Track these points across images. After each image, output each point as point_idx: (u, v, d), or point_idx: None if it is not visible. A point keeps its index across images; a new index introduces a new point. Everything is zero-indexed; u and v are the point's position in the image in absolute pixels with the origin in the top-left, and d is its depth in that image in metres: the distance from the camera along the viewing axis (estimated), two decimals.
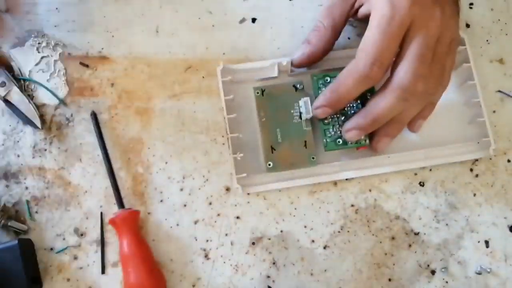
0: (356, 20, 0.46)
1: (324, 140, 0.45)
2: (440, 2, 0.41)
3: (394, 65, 0.42)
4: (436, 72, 0.42)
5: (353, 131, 0.43)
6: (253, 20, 0.49)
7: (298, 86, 0.46)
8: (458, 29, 0.44)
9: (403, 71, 0.40)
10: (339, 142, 0.45)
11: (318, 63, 0.46)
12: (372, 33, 0.40)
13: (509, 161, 0.48)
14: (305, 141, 0.45)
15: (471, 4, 0.51)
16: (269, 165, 0.44)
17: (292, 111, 0.45)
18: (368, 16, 0.42)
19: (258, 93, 0.46)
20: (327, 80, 0.45)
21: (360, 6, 0.44)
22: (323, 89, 0.44)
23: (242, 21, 0.49)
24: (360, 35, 0.48)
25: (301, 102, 0.44)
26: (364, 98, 0.45)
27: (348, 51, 0.47)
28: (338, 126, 0.45)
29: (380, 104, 0.42)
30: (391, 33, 0.40)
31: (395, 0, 0.40)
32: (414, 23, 0.40)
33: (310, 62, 0.45)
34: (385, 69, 0.41)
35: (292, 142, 0.45)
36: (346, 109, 0.45)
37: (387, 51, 0.40)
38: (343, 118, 0.45)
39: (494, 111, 0.48)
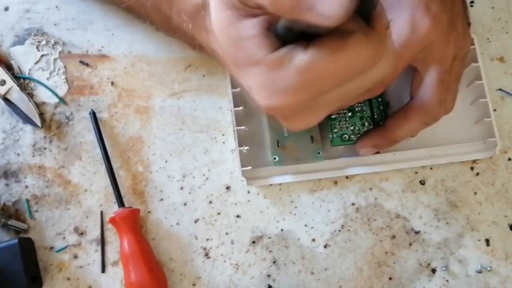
0: None
1: (331, 135, 0.45)
2: (454, 24, 0.41)
3: (415, 87, 0.42)
4: (454, 88, 0.42)
5: (369, 149, 0.44)
6: None
7: None
8: (470, 42, 0.45)
9: (428, 97, 0.41)
10: (345, 137, 0.45)
11: None
12: None
13: (509, 159, 0.48)
14: (312, 136, 0.45)
15: (472, 2, 0.51)
16: (275, 159, 0.44)
17: None
18: None
19: None
20: None
21: None
22: None
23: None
24: None
25: None
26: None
27: None
28: (344, 121, 0.45)
29: (402, 127, 0.42)
30: (403, 55, 0.40)
31: (416, 24, 0.40)
32: (432, 48, 0.40)
33: None
34: (386, 86, 0.41)
35: (298, 136, 0.45)
36: (353, 105, 0.45)
37: (395, 71, 0.40)
38: (350, 114, 0.45)
39: (494, 110, 0.48)
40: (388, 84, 0.41)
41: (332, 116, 0.45)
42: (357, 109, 0.45)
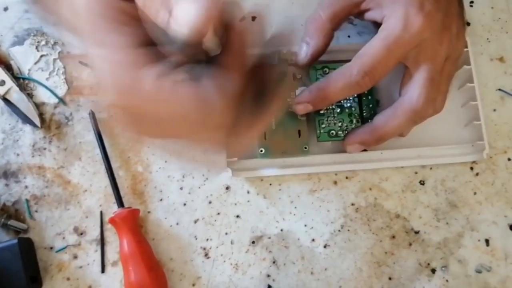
0: (361, 20, 0.46)
1: (318, 131, 0.45)
2: (448, 25, 0.41)
3: (404, 85, 0.42)
4: (444, 88, 0.42)
5: (356, 145, 0.44)
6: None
7: (297, 75, 0.45)
8: (464, 44, 0.45)
9: (417, 95, 0.41)
10: (332, 133, 0.45)
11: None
12: (375, 45, 0.40)
13: (509, 159, 0.48)
14: (299, 130, 0.45)
15: (472, 2, 0.51)
16: (261, 151, 0.44)
17: (288, 100, 0.45)
18: (375, 21, 0.42)
19: None
20: (325, 71, 0.45)
21: (368, 9, 0.43)
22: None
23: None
24: (360, 33, 0.49)
25: (298, 92, 0.44)
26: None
27: (349, 46, 0.47)
28: (333, 117, 0.45)
29: (389, 124, 0.42)
30: (394, 51, 0.40)
31: (409, 21, 0.40)
32: (424, 47, 0.40)
33: (314, 60, 0.45)
34: (375, 82, 0.41)
35: (286, 130, 0.44)
36: (342, 101, 0.45)
37: (384, 66, 0.40)
38: (338, 110, 0.45)
39: (494, 110, 0.48)
40: (377, 81, 0.41)
41: (321, 112, 0.45)
42: (346, 105, 0.45)
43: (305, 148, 0.44)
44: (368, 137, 0.43)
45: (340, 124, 0.45)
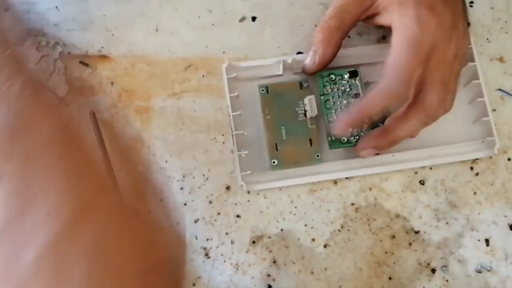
0: (368, 25, 0.46)
1: (329, 138, 0.45)
2: (456, 23, 0.41)
3: (414, 87, 0.42)
4: (453, 87, 0.42)
5: (370, 150, 0.44)
6: (253, 18, 0.49)
7: (303, 84, 0.46)
8: (469, 41, 0.45)
9: (430, 97, 0.41)
10: (343, 140, 0.45)
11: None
12: (403, 52, 0.40)
13: (509, 159, 0.48)
14: (310, 139, 0.45)
15: (472, 2, 0.51)
16: (274, 162, 0.44)
17: (297, 109, 0.45)
18: (384, 26, 0.42)
19: (263, 90, 0.46)
20: (332, 78, 0.45)
21: (375, 13, 0.43)
22: (328, 87, 0.45)
23: (242, 19, 0.49)
24: (361, 33, 0.49)
25: (306, 100, 0.45)
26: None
27: (353, 51, 0.47)
28: None
29: (401, 127, 0.42)
30: (421, 54, 0.39)
31: (423, 21, 0.39)
32: (436, 46, 0.40)
33: (322, 68, 0.45)
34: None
35: (297, 140, 0.45)
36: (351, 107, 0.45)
37: (416, 71, 0.40)
38: None
39: (494, 110, 0.48)
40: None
41: (330, 119, 0.45)
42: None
43: (318, 156, 0.45)
44: (381, 141, 0.43)
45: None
